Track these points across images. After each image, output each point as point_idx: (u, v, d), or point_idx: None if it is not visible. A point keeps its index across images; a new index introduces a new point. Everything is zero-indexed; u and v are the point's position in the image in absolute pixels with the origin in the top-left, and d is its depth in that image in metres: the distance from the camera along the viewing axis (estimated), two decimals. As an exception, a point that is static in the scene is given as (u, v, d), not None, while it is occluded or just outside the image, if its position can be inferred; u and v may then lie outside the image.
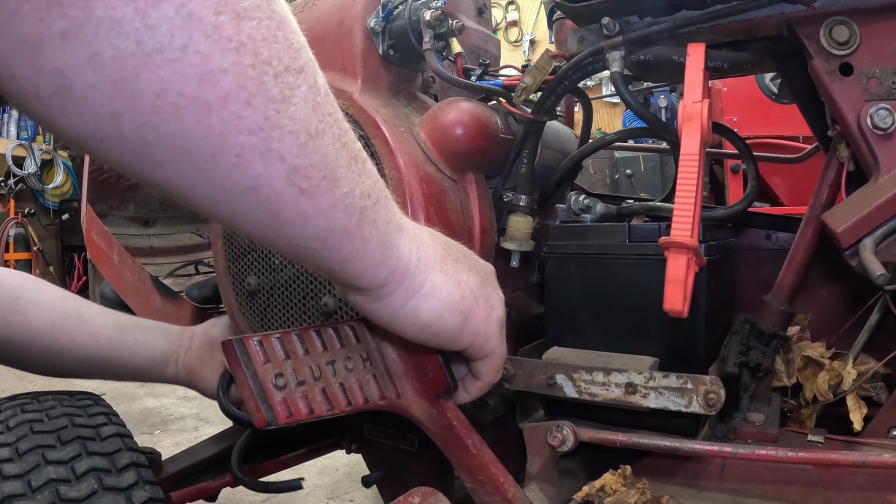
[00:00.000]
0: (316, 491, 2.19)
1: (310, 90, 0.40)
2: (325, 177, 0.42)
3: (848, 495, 0.70)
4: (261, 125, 0.37)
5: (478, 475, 0.69)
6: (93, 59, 0.31)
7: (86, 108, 0.33)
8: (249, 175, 0.38)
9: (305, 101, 0.40)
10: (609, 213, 0.92)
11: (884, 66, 0.71)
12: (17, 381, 3.57)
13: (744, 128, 2.57)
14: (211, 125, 0.35)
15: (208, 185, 0.38)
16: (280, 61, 0.38)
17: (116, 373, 0.94)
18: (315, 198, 0.42)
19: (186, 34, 0.33)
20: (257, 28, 0.36)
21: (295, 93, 0.39)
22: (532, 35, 6.24)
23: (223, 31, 0.34)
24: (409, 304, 0.52)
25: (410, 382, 0.65)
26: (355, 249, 0.46)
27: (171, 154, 0.36)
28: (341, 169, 0.43)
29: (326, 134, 0.41)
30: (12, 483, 0.67)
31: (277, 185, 0.39)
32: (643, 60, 0.83)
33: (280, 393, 0.52)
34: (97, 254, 1.56)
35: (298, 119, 0.39)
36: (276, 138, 0.38)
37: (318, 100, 0.41)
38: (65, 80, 0.31)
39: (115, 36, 0.31)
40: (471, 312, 0.56)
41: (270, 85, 0.37)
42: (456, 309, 0.55)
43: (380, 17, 0.90)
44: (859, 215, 0.69)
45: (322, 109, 0.41)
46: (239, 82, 0.35)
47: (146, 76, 0.33)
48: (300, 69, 0.39)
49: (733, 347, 0.85)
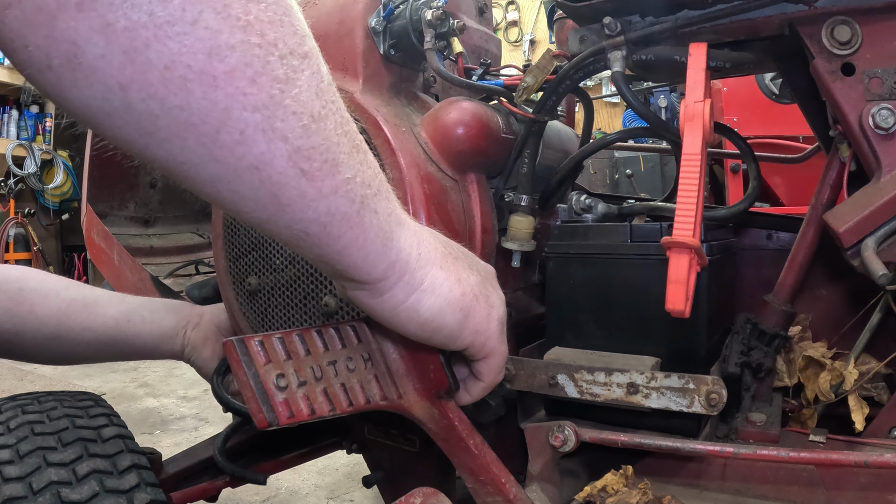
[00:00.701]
0: (316, 491, 2.19)
1: (313, 75, 0.41)
2: (326, 160, 0.42)
3: (850, 495, 0.70)
4: (265, 103, 0.38)
5: (479, 475, 0.68)
6: (105, 28, 0.32)
7: (95, 78, 0.33)
8: (252, 153, 0.39)
9: (309, 85, 0.40)
10: (610, 212, 0.92)
11: (886, 65, 0.71)
12: (16, 381, 3.57)
13: (744, 128, 2.57)
14: (217, 99, 0.36)
15: (212, 162, 0.39)
16: (285, 44, 0.39)
17: (126, 352, 0.95)
18: (317, 181, 0.42)
19: (197, 9, 0.34)
20: (265, 11, 0.37)
21: (299, 76, 0.40)
22: (532, 35, 6.24)
23: (232, 10, 0.35)
24: (409, 299, 0.52)
25: (412, 383, 0.64)
26: (355, 237, 0.46)
27: (176, 128, 0.36)
28: (343, 155, 0.44)
29: (329, 119, 0.42)
30: (13, 485, 0.67)
31: (280, 165, 0.40)
32: (644, 60, 0.83)
33: (281, 393, 0.52)
34: (97, 254, 1.56)
35: (302, 101, 0.40)
36: (279, 117, 0.39)
37: (322, 86, 0.42)
38: (77, 49, 0.32)
39: (128, 7, 0.32)
40: (471, 310, 0.56)
41: (276, 65, 0.38)
42: (457, 306, 0.55)
43: (381, 17, 0.90)
44: (861, 215, 0.69)
45: (325, 96, 0.42)
46: (245, 59, 0.36)
47: (156, 47, 0.33)
48: (305, 54, 0.40)
49: (735, 347, 0.85)
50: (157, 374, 3.77)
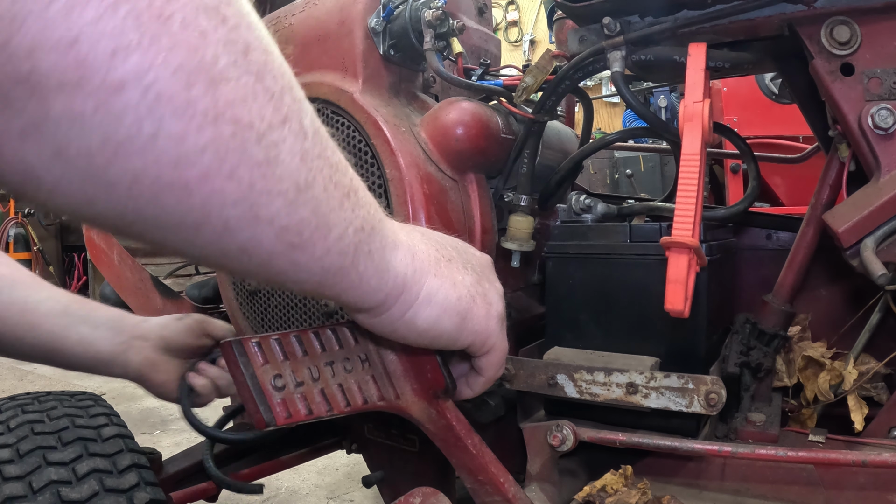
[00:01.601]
0: (316, 491, 2.19)
1: (296, 139, 0.37)
2: (317, 227, 0.40)
3: (849, 495, 0.70)
4: (246, 195, 0.35)
5: (478, 475, 0.68)
6: (58, 155, 0.29)
7: (58, 195, 0.31)
8: (238, 240, 0.37)
9: (292, 155, 0.37)
10: (610, 213, 0.92)
11: (885, 66, 0.71)
12: (17, 381, 3.57)
13: (744, 128, 2.57)
14: (193, 204, 0.33)
15: (196, 248, 0.37)
16: (262, 119, 0.34)
17: (64, 364, 0.89)
18: (307, 249, 0.41)
19: (156, 119, 0.30)
20: (235, 89, 0.33)
21: (281, 149, 0.36)
22: (532, 35, 6.24)
23: (197, 106, 0.31)
24: (406, 314, 0.52)
25: (409, 383, 0.64)
26: (351, 283, 0.46)
27: (154, 228, 0.35)
28: (333, 213, 0.42)
29: (316, 182, 0.39)
30: (13, 484, 0.67)
31: (268, 245, 0.38)
32: (644, 60, 0.83)
33: (279, 394, 0.52)
34: (97, 254, 1.56)
35: (286, 177, 0.37)
36: (263, 204, 0.36)
37: (306, 146, 0.38)
38: (32, 171, 0.30)
39: (77, 132, 0.29)
40: (469, 312, 0.56)
41: (254, 150, 0.34)
42: (453, 311, 0.54)
43: (380, 17, 0.90)
44: (860, 215, 0.69)
45: (310, 156, 0.38)
46: (219, 157, 0.33)
47: (117, 167, 0.31)
48: (284, 120, 0.36)
49: (734, 347, 0.85)
50: (158, 374, 3.77)
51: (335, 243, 0.42)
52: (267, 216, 0.37)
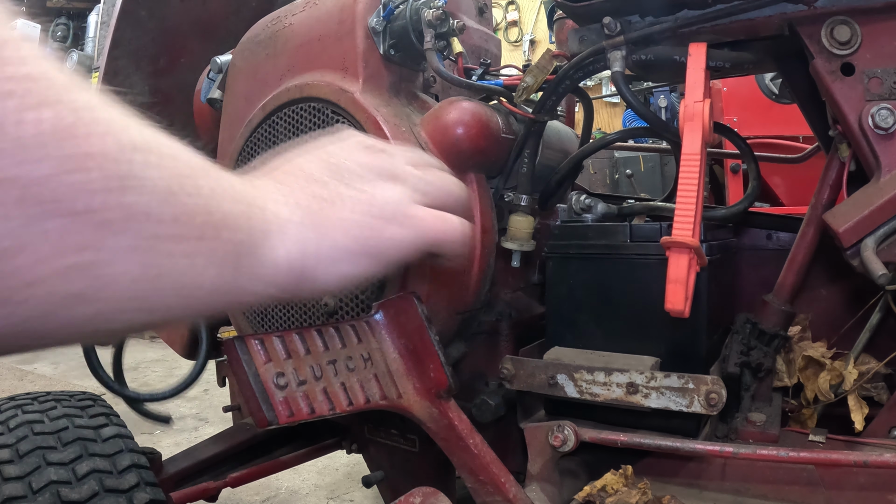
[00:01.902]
0: (316, 491, 2.19)
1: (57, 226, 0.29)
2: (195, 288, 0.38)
3: (849, 495, 0.70)
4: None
5: (479, 475, 0.68)
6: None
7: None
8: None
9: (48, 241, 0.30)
10: (610, 212, 0.92)
11: (885, 65, 0.71)
12: (17, 381, 3.57)
13: (744, 128, 2.57)
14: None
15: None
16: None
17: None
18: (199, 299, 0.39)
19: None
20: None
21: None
22: (532, 35, 6.24)
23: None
24: (317, 284, 0.48)
25: (412, 382, 0.64)
26: (246, 298, 0.44)
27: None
28: (201, 270, 0.38)
29: (164, 269, 0.36)
30: (13, 485, 0.67)
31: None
32: (644, 60, 0.83)
33: (281, 392, 0.52)
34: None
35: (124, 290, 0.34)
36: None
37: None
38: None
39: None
40: (370, 240, 0.50)
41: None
42: (348, 253, 0.49)
43: (381, 17, 0.90)
44: (861, 215, 0.69)
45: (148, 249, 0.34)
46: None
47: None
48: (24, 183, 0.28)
49: (734, 347, 0.85)
50: (157, 375, 3.77)
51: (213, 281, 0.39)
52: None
